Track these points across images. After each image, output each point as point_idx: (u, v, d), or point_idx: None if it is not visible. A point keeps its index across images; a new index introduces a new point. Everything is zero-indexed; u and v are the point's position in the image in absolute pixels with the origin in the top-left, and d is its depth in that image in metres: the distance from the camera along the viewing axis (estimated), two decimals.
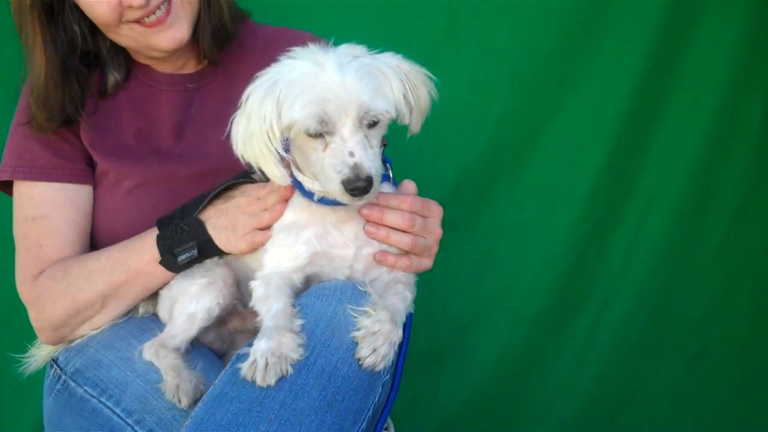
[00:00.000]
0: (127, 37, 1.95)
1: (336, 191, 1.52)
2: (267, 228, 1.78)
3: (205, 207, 1.85)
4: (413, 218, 1.71)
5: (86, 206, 2.05)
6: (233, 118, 1.61)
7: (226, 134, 2.01)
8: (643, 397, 3.09)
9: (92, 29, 2.00)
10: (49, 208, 1.99)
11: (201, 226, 1.82)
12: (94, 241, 2.08)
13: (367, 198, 1.53)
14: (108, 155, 2.02)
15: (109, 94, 2.06)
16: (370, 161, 1.51)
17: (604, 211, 2.98)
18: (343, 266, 1.70)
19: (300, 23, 2.29)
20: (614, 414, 3.09)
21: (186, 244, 1.82)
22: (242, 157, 1.60)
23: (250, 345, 1.53)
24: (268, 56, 2.07)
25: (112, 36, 1.96)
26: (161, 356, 1.75)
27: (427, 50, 2.82)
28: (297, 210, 1.71)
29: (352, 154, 1.50)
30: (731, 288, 3.08)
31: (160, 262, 1.85)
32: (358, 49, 1.58)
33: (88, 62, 2.04)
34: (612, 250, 3.02)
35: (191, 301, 1.79)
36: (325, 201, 1.65)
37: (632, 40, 2.86)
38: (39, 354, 2.01)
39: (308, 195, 1.66)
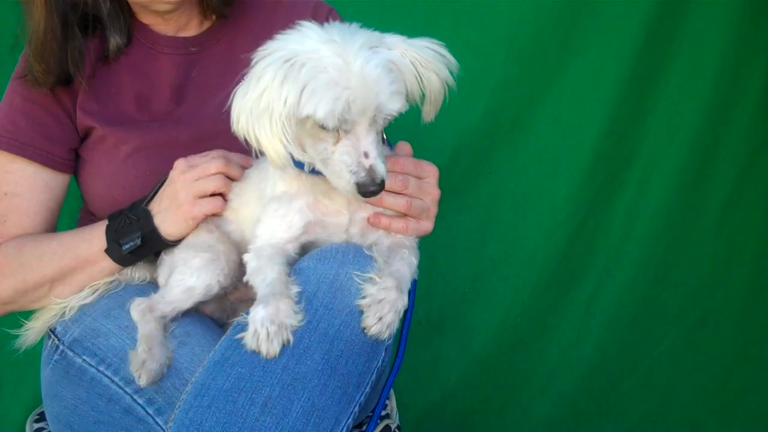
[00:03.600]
0: None
1: (346, 189, 1.46)
2: (214, 194, 1.77)
3: (151, 199, 1.83)
4: (406, 179, 1.66)
5: (60, 192, 2.03)
6: (236, 89, 1.53)
7: (227, 99, 1.99)
8: (644, 366, 3.08)
9: None
10: (23, 187, 1.96)
11: (147, 217, 1.80)
12: (92, 207, 2.05)
13: (376, 196, 1.49)
14: (106, 121, 1.97)
15: (110, 59, 2.01)
16: (383, 163, 1.46)
17: (605, 178, 2.95)
18: (339, 232, 1.65)
19: None
20: (615, 383, 3.07)
21: (131, 234, 1.80)
22: (241, 130, 1.52)
23: (248, 314, 1.48)
24: (272, 21, 2.06)
25: None
26: (145, 319, 1.70)
27: (427, 15, 2.77)
28: (288, 179, 1.65)
29: (366, 155, 1.44)
30: (732, 255, 3.07)
31: (106, 251, 1.83)
32: (374, 37, 1.49)
33: (86, 25, 1.98)
34: (613, 217, 2.99)
35: (192, 274, 1.74)
36: (316, 171, 1.58)
37: (632, 5, 2.81)
38: (35, 327, 1.95)
39: (299, 165, 1.58)
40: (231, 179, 1.81)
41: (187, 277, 1.74)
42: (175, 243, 1.82)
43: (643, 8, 2.81)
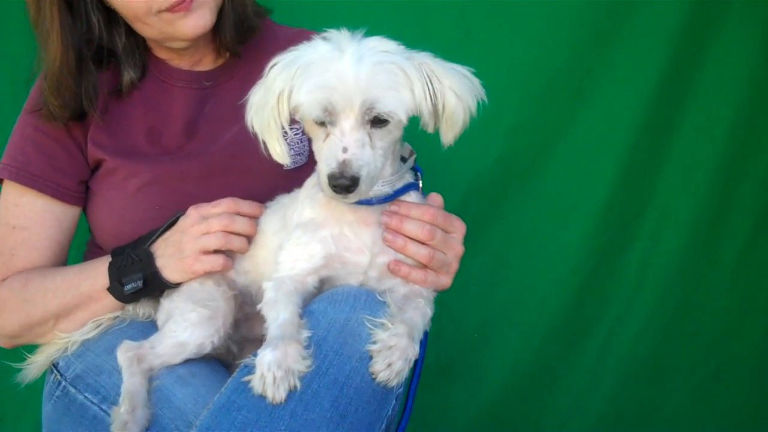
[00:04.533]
0: (152, 27, 1.91)
1: (323, 184, 1.47)
2: (216, 251, 1.77)
3: (156, 240, 1.84)
4: (434, 230, 1.65)
5: (70, 226, 2.04)
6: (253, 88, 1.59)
7: (239, 134, 2.00)
8: (657, 419, 3.02)
9: (109, 22, 1.97)
10: (33, 221, 1.97)
11: (149, 258, 1.81)
12: (100, 240, 2.05)
13: (352, 197, 1.47)
14: (117, 154, 1.98)
15: (123, 94, 2.03)
16: (363, 161, 1.44)
17: (618, 226, 2.92)
18: (357, 272, 1.64)
19: (311, 27, 2.25)
20: None
21: (133, 275, 1.81)
22: (251, 126, 1.57)
23: (256, 355, 1.46)
24: None
25: (137, 26, 1.93)
26: (131, 371, 1.67)
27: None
28: (316, 206, 1.65)
29: (345, 150, 1.43)
30: (747, 307, 3.01)
31: (108, 289, 1.84)
32: (391, 45, 1.50)
33: (101, 58, 2.01)
34: (625, 266, 2.95)
35: (186, 329, 1.72)
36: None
37: (647, 52, 2.81)
38: (38, 361, 1.95)
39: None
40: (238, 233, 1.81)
41: (180, 331, 1.72)
42: (177, 285, 1.82)
43: (659, 56, 2.81)
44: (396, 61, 1.47)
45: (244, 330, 1.91)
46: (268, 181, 1.96)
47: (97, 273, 1.86)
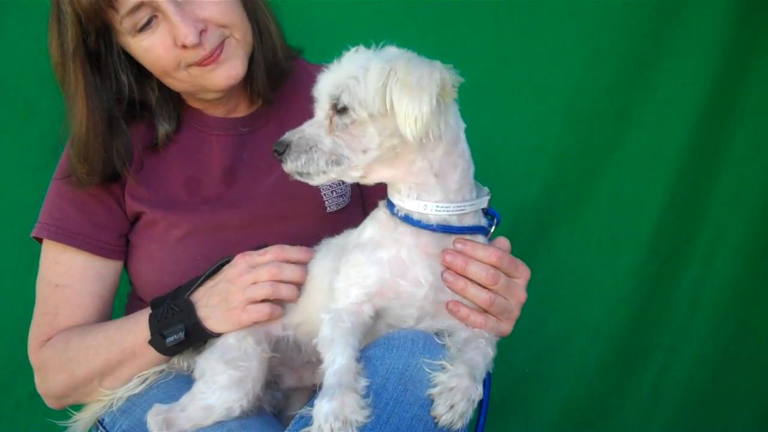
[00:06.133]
0: (182, 81, 1.88)
1: None
2: (265, 300, 1.73)
3: (196, 289, 1.79)
4: (497, 275, 1.60)
5: (112, 280, 2.01)
6: None
7: (279, 180, 1.96)
8: None
9: (139, 78, 1.94)
10: (74, 278, 1.95)
11: (191, 309, 1.76)
12: (141, 293, 2.02)
13: (287, 166, 1.56)
14: (156, 206, 1.96)
15: (159, 147, 2.00)
16: (303, 134, 1.54)
17: (668, 252, 2.87)
18: (412, 305, 1.58)
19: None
20: None
21: (174, 327, 1.76)
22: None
23: (311, 405, 1.42)
24: None
25: (168, 81, 1.90)
26: None
27: (479, 88, 2.72)
28: (376, 225, 1.63)
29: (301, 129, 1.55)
30: None
31: (150, 342, 1.79)
32: (393, 50, 1.53)
33: (133, 113, 1.98)
34: (678, 293, 2.91)
35: (214, 392, 1.66)
36: (408, 219, 1.57)
37: (691, 73, 2.77)
38: (83, 417, 1.91)
39: (392, 209, 1.60)
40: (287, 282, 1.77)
41: (209, 393, 1.67)
42: (220, 334, 1.77)
43: (702, 78, 2.77)
44: (367, 59, 1.50)
45: (292, 380, 1.86)
46: (310, 226, 1.94)
47: (138, 327, 1.82)
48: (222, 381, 1.67)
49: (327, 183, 1.61)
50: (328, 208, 1.98)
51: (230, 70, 1.86)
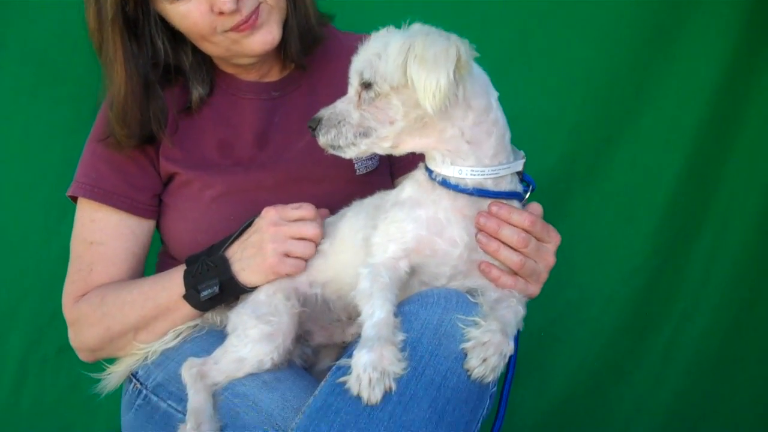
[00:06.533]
0: (217, 46, 1.93)
1: None
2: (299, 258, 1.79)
3: (230, 245, 1.84)
4: (528, 239, 1.66)
5: (145, 239, 2.07)
6: None
7: (310, 143, 2.01)
8: (724, 412, 3.02)
9: (173, 43, 1.98)
10: (109, 235, 2.00)
11: (225, 264, 1.82)
12: (174, 251, 2.08)
13: (320, 139, 1.65)
14: (190, 167, 2.01)
15: (193, 110, 2.05)
16: (335, 110, 1.63)
17: (683, 221, 2.92)
18: (446, 263, 1.65)
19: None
20: (695, 430, 3.02)
21: (209, 281, 1.82)
22: None
23: (350, 356, 1.49)
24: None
25: (204, 46, 1.95)
26: (196, 387, 1.71)
27: (500, 59, 2.77)
28: (415, 186, 1.69)
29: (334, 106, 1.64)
30: None
31: (184, 297, 1.85)
32: (416, 27, 1.59)
33: (168, 77, 2.03)
34: (692, 261, 2.95)
35: (246, 345, 1.74)
36: (446, 183, 1.63)
37: (709, 46, 2.79)
38: (117, 371, 1.99)
39: (430, 174, 1.66)
40: None
41: (241, 347, 1.75)
42: (253, 289, 1.83)
43: (720, 50, 2.80)
44: (390, 36, 1.58)
45: (322, 338, 1.93)
46: (341, 188, 2.00)
47: (172, 283, 1.88)
48: (254, 335, 1.74)
49: (359, 155, 1.67)
50: (358, 171, 2.04)
51: (266, 35, 1.91)
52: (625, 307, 2.95)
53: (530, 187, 1.73)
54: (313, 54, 2.11)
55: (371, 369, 1.43)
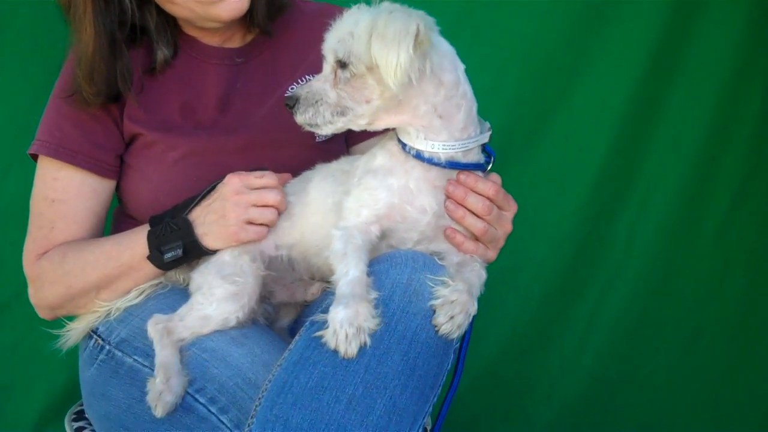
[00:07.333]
0: (183, 7, 1.94)
1: None
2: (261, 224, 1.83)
3: (194, 208, 1.87)
4: (492, 206, 1.73)
5: (107, 198, 2.07)
6: None
7: (273, 108, 2.05)
8: (642, 375, 3.20)
9: (139, 2, 1.99)
10: (71, 194, 2.00)
11: (189, 227, 1.84)
12: (135, 212, 2.09)
13: (298, 118, 1.67)
14: (153, 129, 2.02)
15: (157, 71, 2.06)
16: (311, 89, 1.65)
17: (610, 194, 3.07)
18: (415, 229, 1.71)
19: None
20: (615, 392, 3.19)
21: (173, 243, 1.84)
22: None
23: (325, 312, 1.54)
24: (314, 30, 2.07)
25: (168, 7, 1.96)
26: (162, 343, 1.73)
27: (443, 34, 2.84)
28: (387, 156, 1.74)
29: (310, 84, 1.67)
30: (727, 270, 3.19)
31: (148, 258, 1.87)
32: (385, 4, 1.61)
33: (133, 37, 2.03)
34: (616, 232, 3.10)
35: (211, 303, 1.77)
36: (420, 156, 1.68)
37: (639, 27, 2.93)
38: (78, 327, 1.98)
39: (404, 147, 1.70)
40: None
41: (206, 305, 1.78)
42: (216, 251, 1.86)
43: (649, 33, 2.95)
44: (361, 14, 1.61)
45: (284, 296, 1.98)
46: (301, 153, 2.03)
47: (136, 243, 1.89)
48: (219, 294, 1.78)
49: (336, 132, 1.70)
50: (318, 138, 2.08)
51: (236, 2, 1.94)
52: (553, 274, 3.09)
53: (491, 158, 1.79)
54: (277, 21, 2.14)
55: (347, 325, 1.48)
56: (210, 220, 1.83)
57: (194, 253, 1.86)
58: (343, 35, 1.61)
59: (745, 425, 3.21)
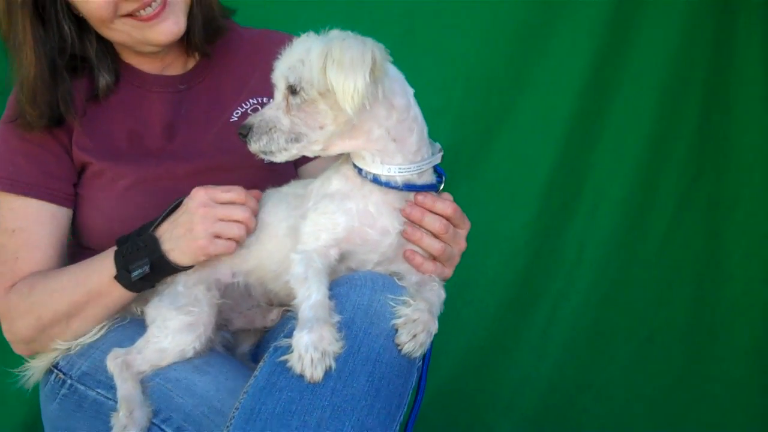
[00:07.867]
0: (120, 32, 1.96)
1: None
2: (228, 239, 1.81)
3: (159, 224, 1.85)
4: (448, 226, 1.76)
5: (65, 224, 2.05)
6: None
7: (219, 134, 2.07)
8: (599, 383, 3.25)
9: (80, 30, 2.01)
10: (30, 222, 1.99)
11: (155, 243, 1.81)
12: (90, 241, 2.07)
13: (252, 146, 1.68)
14: (102, 157, 2.02)
15: (101, 98, 2.06)
16: (263, 117, 1.66)
17: (558, 207, 3.14)
18: (376, 251, 1.72)
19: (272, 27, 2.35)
20: (573, 399, 3.24)
21: (139, 261, 1.81)
22: None
23: (288, 336, 1.55)
24: (256, 57, 2.15)
25: (105, 32, 1.98)
26: (123, 377, 1.73)
27: (392, 52, 2.91)
28: (343, 180, 1.74)
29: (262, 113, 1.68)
30: (674, 278, 3.27)
31: (115, 278, 1.84)
32: (334, 33, 1.63)
33: (75, 67, 2.04)
34: (565, 244, 3.17)
35: (167, 336, 1.77)
36: (377, 180, 1.69)
37: (578, 45, 3.03)
38: (39, 365, 1.95)
39: (360, 171, 1.71)
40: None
41: (162, 338, 1.78)
42: (185, 268, 1.84)
43: (588, 49, 3.04)
44: (311, 42, 1.63)
45: (241, 323, 1.98)
46: (251, 175, 2.01)
47: (103, 266, 1.86)
48: (174, 326, 1.77)
49: (290, 159, 1.70)
50: (266, 160, 2.10)
51: (172, 26, 1.96)
52: (507, 287, 3.14)
53: (443, 178, 1.82)
54: (215, 46, 2.16)
55: (312, 349, 1.49)
56: (177, 235, 1.80)
57: (163, 270, 1.83)
58: (293, 62, 1.62)
59: (698, 428, 3.26)
